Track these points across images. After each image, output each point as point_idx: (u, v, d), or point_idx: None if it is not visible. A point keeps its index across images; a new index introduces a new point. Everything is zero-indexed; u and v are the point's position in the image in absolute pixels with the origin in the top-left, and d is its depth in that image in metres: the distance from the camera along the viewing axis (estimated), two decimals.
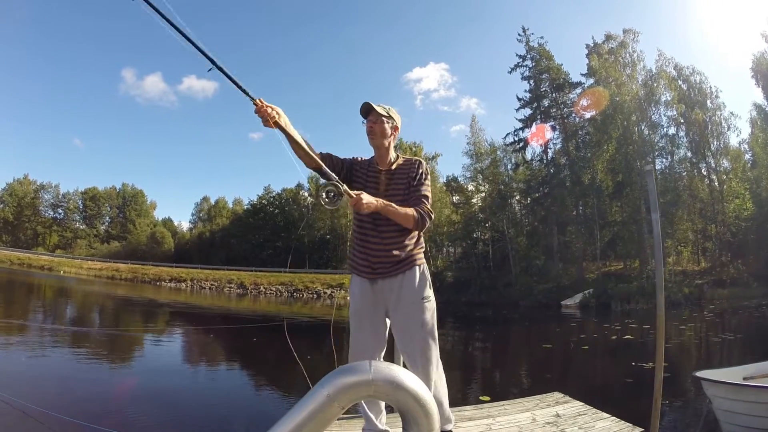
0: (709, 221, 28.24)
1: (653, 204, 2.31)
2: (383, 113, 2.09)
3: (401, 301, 2.06)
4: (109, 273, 40.81)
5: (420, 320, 2.04)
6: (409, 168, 2.14)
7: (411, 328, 2.05)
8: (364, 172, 2.16)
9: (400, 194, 2.10)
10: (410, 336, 2.05)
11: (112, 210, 63.00)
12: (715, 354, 9.92)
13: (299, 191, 52.00)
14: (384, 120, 2.09)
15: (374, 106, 2.08)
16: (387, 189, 2.11)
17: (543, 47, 34.52)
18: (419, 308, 2.05)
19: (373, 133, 2.09)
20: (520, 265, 31.47)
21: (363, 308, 2.11)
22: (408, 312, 2.06)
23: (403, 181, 2.12)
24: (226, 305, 23.15)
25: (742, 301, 19.89)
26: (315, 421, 1.45)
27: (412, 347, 2.04)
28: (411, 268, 2.09)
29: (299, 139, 1.88)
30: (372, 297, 2.11)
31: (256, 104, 1.72)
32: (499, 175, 35.32)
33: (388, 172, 2.14)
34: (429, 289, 2.11)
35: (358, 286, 2.16)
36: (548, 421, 2.65)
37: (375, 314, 2.10)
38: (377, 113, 2.08)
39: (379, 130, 2.09)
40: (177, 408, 5.20)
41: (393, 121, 2.13)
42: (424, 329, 2.04)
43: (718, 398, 3.67)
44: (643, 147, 29.02)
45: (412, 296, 2.06)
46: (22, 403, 4.15)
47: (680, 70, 29.47)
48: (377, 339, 2.12)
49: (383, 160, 2.16)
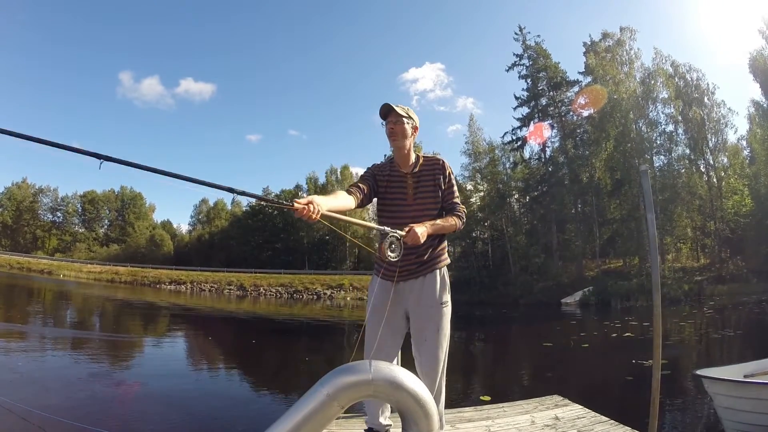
0: (708, 218, 28.29)
1: (649, 205, 2.31)
2: (403, 114, 2.06)
3: (420, 304, 2.09)
4: (108, 276, 40.75)
5: (436, 324, 2.07)
6: (433, 168, 2.14)
7: (426, 330, 2.07)
8: (387, 177, 2.14)
9: (429, 197, 2.11)
10: (425, 338, 2.07)
11: (111, 213, 62.83)
12: (715, 351, 9.93)
13: (298, 192, 51.97)
14: (404, 121, 2.07)
15: (394, 107, 2.05)
16: (416, 193, 2.11)
17: (540, 46, 34.57)
18: (437, 312, 2.08)
19: (395, 134, 2.07)
20: (519, 263, 31.49)
21: (382, 307, 2.08)
22: (426, 315, 2.08)
23: (429, 183, 2.12)
24: (226, 307, 23.13)
25: (741, 297, 19.93)
26: (314, 420, 1.46)
27: (426, 349, 2.07)
28: (432, 272, 2.11)
29: (342, 208, 1.85)
30: (392, 297, 2.09)
31: (296, 210, 1.58)
32: (498, 174, 35.32)
33: (413, 175, 2.13)
34: (447, 293, 2.13)
35: (378, 285, 2.15)
36: (547, 424, 2.65)
37: (393, 314, 2.09)
38: (397, 114, 2.05)
39: (400, 131, 2.07)
40: (177, 408, 5.19)
41: (413, 121, 2.11)
42: (439, 333, 2.07)
43: (719, 396, 3.67)
44: (641, 144, 29.06)
45: (431, 300, 2.08)
46: (23, 408, 4.15)
47: (677, 67, 29.53)
48: (394, 339, 2.12)
49: (405, 161, 2.14)
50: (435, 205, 2.11)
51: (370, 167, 2.21)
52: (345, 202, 1.88)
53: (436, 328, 2.06)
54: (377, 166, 2.19)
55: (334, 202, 1.78)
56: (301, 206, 1.54)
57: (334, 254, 47.54)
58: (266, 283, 35.49)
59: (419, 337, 2.09)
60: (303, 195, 51.47)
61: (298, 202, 1.55)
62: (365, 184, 2.07)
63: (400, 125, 2.07)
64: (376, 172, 2.16)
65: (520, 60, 34.94)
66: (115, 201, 63.07)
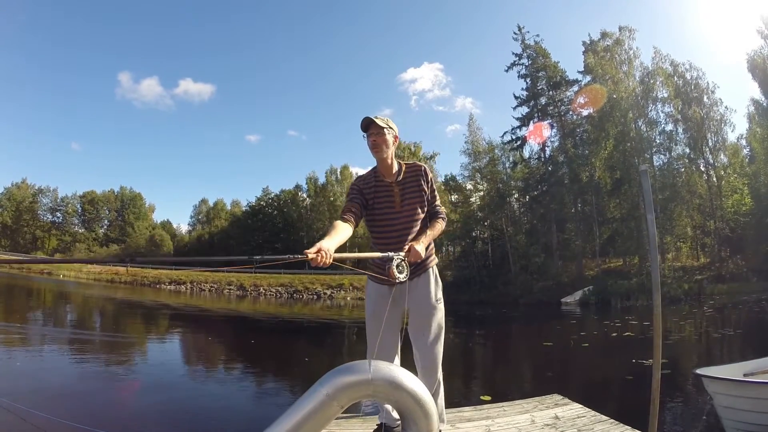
0: (707, 217, 28.29)
1: (648, 205, 2.31)
2: (383, 125, 2.11)
3: (416, 304, 2.18)
4: (108, 276, 40.71)
5: (433, 322, 2.18)
6: (416, 174, 2.22)
7: (425, 328, 2.17)
8: (373, 188, 2.20)
9: (416, 203, 2.19)
10: (424, 335, 2.17)
11: (110, 213, 62.77)
12: (715, 350, 9.93)
13: (297, 192, 51.98)
14: (385, 131, 2.12)
15: (374, 119, 2.10)
16: (403, 200, 2.19)
17: (539, 45, 34.54)
18: (433, 310, 2.19)
19: (377, 146, 2.12)
20: (519, 263, 31.47)
21: (380, 310, 2.14)
22: (422, 314, 2.18)
23: (414, 189, 2.20)
24: (227, 306, 23.13)
25: (741, 296, 19.93)
26: (314, 419, 1.45)
27: (425, 346, 2.16)
28: (425, 272, 2.23)
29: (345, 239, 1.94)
30: (389, 299, 2.15)
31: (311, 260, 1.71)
32: (498, 174, 35.32)
33: (398, 184, 2.20)
34: (440, 290, 2.26)
35: (375, 289, 2.25)
36: (547, 423, 2.65)
37: (392, 316, 2.15)
38: (378, 126, 2.10)
39: (382, 142, 2.12)
40: (177, 408, 5.19)
41: (393, 131, 2.17)
42: (435, 331, 2.18)
43: (720, 395, 3.66)
44: (641, 144, 29.07)
45: (427, 298, 2.19)
46: (23, 408, 4.15)
47: (677, 66, 29.52)
48: (393, 339, 2.20)
49: (388, 171, 2.20)
50: (422, 210, 2.22)
51: (354, 182, 2.27)
52: (345, 233, 1.95)
53: (434, 325, 2.17)
54: (361, 179, 2.25)
55: (338, 239, 1.85)
56: (313, 255, 1.61)
57: None
58: (266, 283, 35.49)
59: (418, 335, 2.18)
60: (303, 195, 51.56)
61: (308, 252, 1.62)
62: (354, 204, 2.14)
63: (381, 136, 2.11)
64: (361, 186, 2.21)
65: (520, 59, 34.95)
66: (115, 201, 63.03)
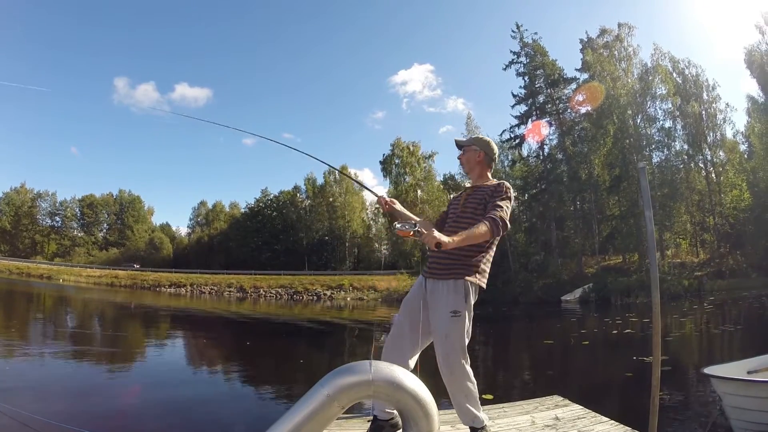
0: (707, 213, 28.34)
1: (647, 202, 2.30)
2: (466, 143, 2.33)
3: (431, 307, 2.10)
4: (108, 280, 40.64)
5: (443, 332, 2.03)
6: (491, 187, 2.19)
7: (435, 335, 2.09)
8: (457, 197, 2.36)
9: (472, 207, 2.17)
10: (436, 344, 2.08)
11: (109, 217, 62.72)
12: (716, 346, 9.94)
13: (296, 193, 51.95)
14: (466, 149, 2.32)
15: (457, 140, 2.36)
16: (465, 204, 2.20)
17: (537, 43, 34.53)
18: (445, 320, 2.03)
19: (461, 164, 2.37)
20: (519, 261, 31.49)
21: (411, 299, 2.19)
22: (434, 319, 2.08)
23: (480, 197, 2.17)
24: (227, 308, 23.11)
25: (741, 292, 19.98)
26: (315, 420, 1.45)
27: (438, 356, 2.06)
28: (448, 279, 2.08)
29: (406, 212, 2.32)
30: (422, 292, 2.16)
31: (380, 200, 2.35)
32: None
33: (470, 189, 2.26)
34: (463, 304, 2.04)
35: (418, 280, 2.27)
36: (547, 424, 2.64)
37: (417, 309, 2.12)
38: (461, 145, 2.35)
39: (464, 160, 2.33)
40: (177, 411, 5.19)
41: (478, 148, 2.28)
42: (443, 342, 2.03)
43: (728, 395, 3.62)
44: (640, 141, 29.10)
45: (441, 305, 2.06)
46: (24, 414, 4.14)
47: (676, 62, 29.54)
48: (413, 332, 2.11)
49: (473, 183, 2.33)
50: (476, 211, 2.13)
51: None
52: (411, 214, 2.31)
53: (443, 335, 2.03)
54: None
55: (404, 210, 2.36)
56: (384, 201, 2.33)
57: (333, 255, 47.49)
58: (266, 285, 35.47)
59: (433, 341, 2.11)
60: (302, 196, 51.46)
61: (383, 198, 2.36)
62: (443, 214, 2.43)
63: (463, 156, 2.34)
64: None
65: (518, 57, 34.95)
66: (114, 204, 62.98)
